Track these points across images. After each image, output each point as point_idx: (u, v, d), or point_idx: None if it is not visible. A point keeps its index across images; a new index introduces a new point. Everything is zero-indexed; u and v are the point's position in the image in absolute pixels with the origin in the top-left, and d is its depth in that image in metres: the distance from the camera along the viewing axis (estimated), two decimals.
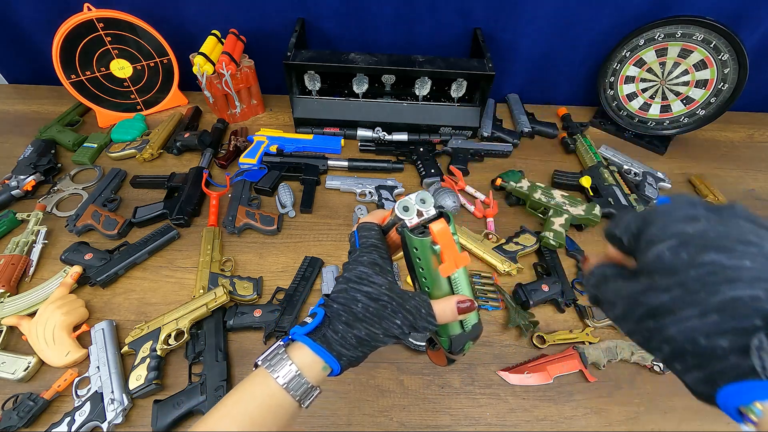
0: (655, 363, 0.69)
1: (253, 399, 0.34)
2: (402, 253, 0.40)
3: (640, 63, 1.04)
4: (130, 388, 0.61)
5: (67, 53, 0.96)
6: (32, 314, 0.69)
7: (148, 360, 0.63)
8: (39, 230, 0.81)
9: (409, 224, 0.37)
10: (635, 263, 0.28)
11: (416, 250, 0.36)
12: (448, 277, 0.37)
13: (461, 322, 0.39)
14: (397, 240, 0.41)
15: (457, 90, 1.02)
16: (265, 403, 0.34)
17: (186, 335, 0.67)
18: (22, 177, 0.88)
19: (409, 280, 0.55)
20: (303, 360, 0.35)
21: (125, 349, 0.66)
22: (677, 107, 1.05)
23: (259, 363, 0.35)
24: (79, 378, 0.64)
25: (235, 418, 0.33)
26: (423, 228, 0.37)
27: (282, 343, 0.37)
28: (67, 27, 0.93)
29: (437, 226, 0.35)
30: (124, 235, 0.83)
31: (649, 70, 1.04)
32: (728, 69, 0.94)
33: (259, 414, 0.33)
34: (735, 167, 1.08)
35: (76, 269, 0.74)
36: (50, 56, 0.95)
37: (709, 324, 0.22)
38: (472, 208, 0.92)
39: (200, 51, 0.96)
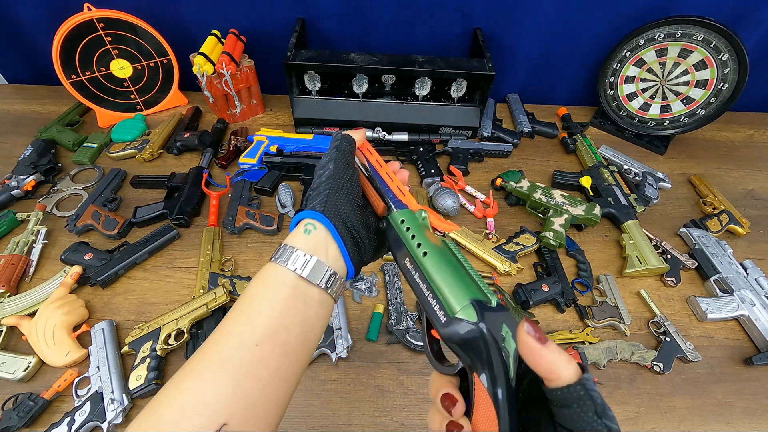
0: (654, 363, 0.69)
1: (274, 290, 0.33)
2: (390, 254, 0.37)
3: (640, 63, 1.04)
4: (130, 388, 0.61)
5: (67, 53, 0.96)
6: (32, 314, 0.69)
7: (148, 360, 0.63)
8: (39, 230, 0.81)
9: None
10: None
11: (403, 222, 0.35)
12: (444, 242, 0.33)
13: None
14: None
15: (457, 90, 1.02)
16: (289, 294, 0.32)
17: (186, 335, 0.67)
18: (22, 177, 0.88)
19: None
20: (293, 238, 0.35)
21: (125, 349, 0.66)
22: (677, 107, 1.05)
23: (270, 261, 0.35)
24: (79, 378, 0.64)
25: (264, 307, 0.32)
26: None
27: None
28: (67, 27, 0.93)
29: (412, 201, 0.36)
30: (124, 235, 0.83)
31: (649, 70, 1.04)
32: (728, 69, 0.94)
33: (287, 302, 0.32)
34: (735, 167, 1.08)
35: (76, 269, 0.74)
36: (50, 56, 0.95)
37: None
38: (472, 208, 0.92)
39: (200, 51, 0.96)
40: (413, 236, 0.33)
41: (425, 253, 0.31)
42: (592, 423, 0.21)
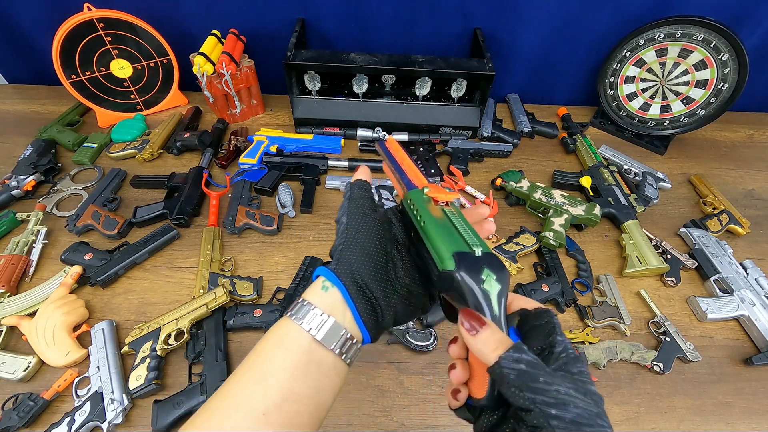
0: (654, 363, 0.69)
1: (287, 351, 0.30)
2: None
3: (640, 63, 1.04)
4: (130, 388, 0.61)
5: (67, 53, 0.96)
6: (32, 314, 0.69)
7: (148, 360, 0.63)
8: (39, 230, 0.81)
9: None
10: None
11: (410, 200, 0.36)
12: (443, 210, 0.34)
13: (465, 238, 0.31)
14: None
15: (457, 90, 1.02)
16: (302, 359, 0.30)
17: (186, 335, 0.67)
18: (22, 177, 0.88)
19: None
20: (311, 295, 0.32)
21: (125, 349, 0.66)
22: (677, 107, 1.05)
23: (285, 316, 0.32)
24: (79, 378, 0.64)
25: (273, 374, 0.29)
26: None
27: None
28: (67, 27, 0.93)
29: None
30: (124, 235, 0.83)
31: (649, 70, 1.04)
32: (728, 69, 0.94)
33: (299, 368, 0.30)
34: (735, 167, 1.08)
35: (76, 269, 0.74)
36: (50, 56, 0.94)
37: None
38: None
39: (200, 51, 0.96)
40: (416, 211, 0.34)
41: (423, 223, 0.33)
42: (515, 397, 0.24)
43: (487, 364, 0.25)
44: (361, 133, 1.05)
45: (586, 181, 0.95)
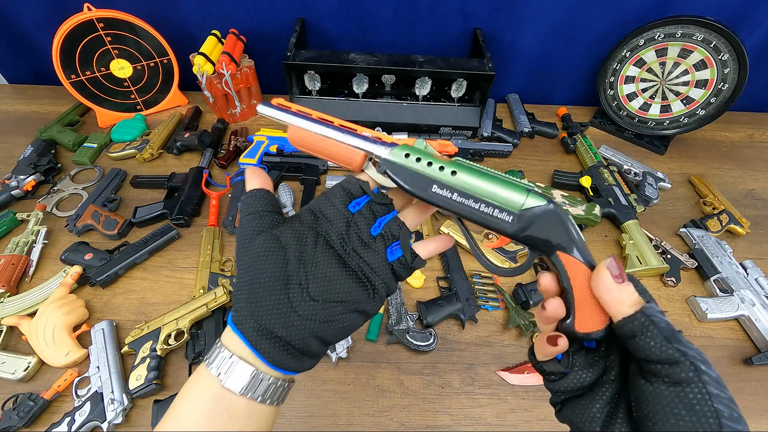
0: None
1: (200, 396, 0.29)
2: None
3: (640, 63, 1.04)
4: (130, 388, 0.61)
5: (67, 53, 0.96)
6: (32, 314, 0.69)
7: (148, 360, 0.63)
8: (39, 230, 0.81)
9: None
10: None
11: (408, 156, 0.31)
12: (458, 160, 0.32)
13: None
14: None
15: (457, 90, 1.02)
16: (210, 407, 0.28)
17: (186, 335, 0.67)
18: (22, 177, 0.88)
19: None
20: (226, 335, 0.30)
21: (125, 349, 0.66)
22: (677, 107, 1.05)
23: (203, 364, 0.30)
24: (79, 378, 0.64)
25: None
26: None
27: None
28: (67, 27, 0.93)
29: (399, 138, 0.33)
30: (124, 235, 0.83)
31: (649, 70, 1.04)
32: (728, 69, 0.94)
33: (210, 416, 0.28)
34: (735, 167, 1.08)
35: (76, 269, 0.74)
36: (50, 56, 0.95)
37: None
38: None
39: (200, 51, 0.96)
40: (429, 163, 0.31)
41: (454, 172, 0.30)
42: (662, 348, 0.22)
43: (620, 315, 0.24)
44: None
45: (586, 181, 0.95)
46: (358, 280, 0.31)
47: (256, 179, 0.34)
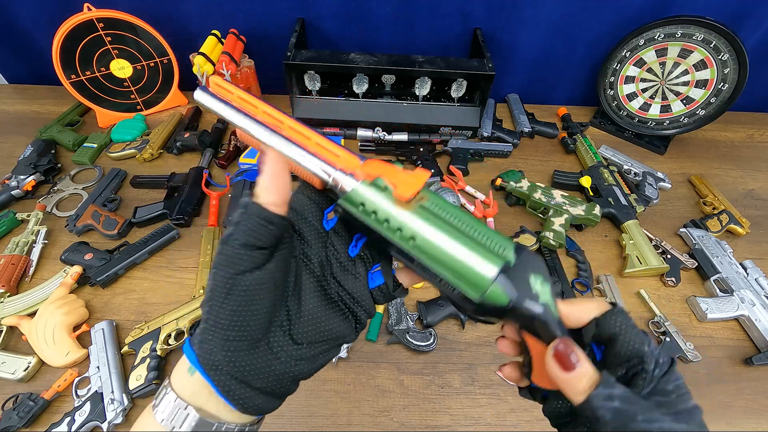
0: None
1: None
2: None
3: (640, 63, 1.04)
4: (130, 388, 0.62)
5: (67, 53, 0.96)
6: (32, 314, 0.69)
7: (148, 360, 0.63)
8: (39, 230, 0.81)
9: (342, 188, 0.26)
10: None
11: (363, 206, 0.25)
12: (423, 207, 0.25)
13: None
14: None
15: (457, 90, 1.02)
16: None
17: (186, 335, 0.67)
18: (22, 177, 0.88)
19: None
20: (176, 374, 0.26)
21: (125, 349, 0.66)
22: (677, 107, 1.05)
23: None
24: (79, 378, 0.64)
25: None
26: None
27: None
28: (67, 27, 0.93)
29: (369, 166, 0.26)
30: (124, 235, 0.83)
31: (649, 70, 1.04)
32: (728, 69, 0.94)
33: None
34: (735, 167, 1.08)
35: (76, 269, 0.74)
36: (50, 56, 0.94)
37: None
38: (472, 208, 0.92)
39: (200, 51, 0.96)
40: (386, 221, 0.25)
41: (412, 239, 0.24)
42: None
43: (574, 402, 0.22)
44: (361, 133, 1.05)
45: (586, 181, 0.95)
46: (340, 312, 0.27)
47: (275, 190, 0.24)
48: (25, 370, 0.63)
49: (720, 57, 0.94)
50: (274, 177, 0.24)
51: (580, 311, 0.25)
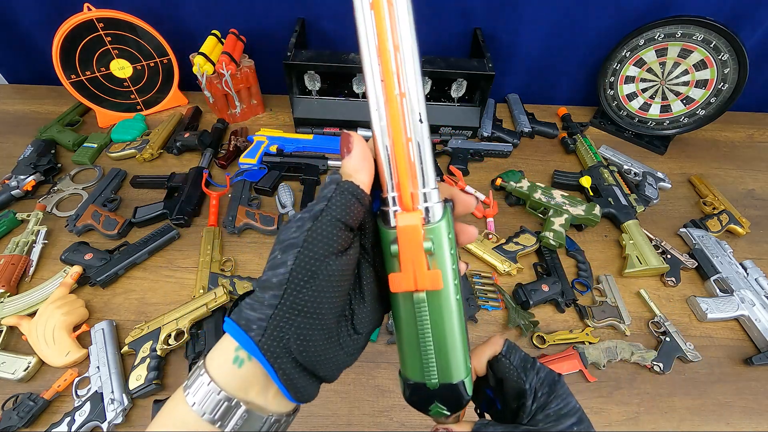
0: (655, 363, 0.69)
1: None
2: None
3: (640, 63, 1.04)
4: (130, 388, 0.61)
5: (67, 53, 0.96)
6: (32, 314, 0.69)
7: (148, 360, 0.63)
8: (39, 230, 0.81)
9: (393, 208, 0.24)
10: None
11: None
12: (412, 303, 0.24)
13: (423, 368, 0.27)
14: None
15: (457, 90, 1.02)
16: None
17: (186, 335, 0.67)
18: (22, 177, 0.88)
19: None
20: (217, 365, 0.24)
21: (125, 349, 0.66)
22: (677, 107, 1.05)
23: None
24: (79, 378, 0.64)
25: None
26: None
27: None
28: (67, 27, 0.93)
29: (407, 219, 0.22)
30: (124, 235, 0.83)
31: (649, 70, 1.04)
32: (728, 69, 0.94)
33: None
34: (735, 167, 1.08)
35: (76, 269, 0.74)
36: (50, 56, 0.94)
37: None
38: None
39: (200, 51, 0.96)
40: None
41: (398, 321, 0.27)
42: None
43: None
44: (361, 133, 1.05)
45: (586, 181, 0.95)
46: (385, 300, 0.27)
47: (366, 170, 0.23)
48: (25, 370, 0.63)
49: (720, 57, 0.94)
50: (364, 158, 0.24)
51: (478, 361, 0.30)
